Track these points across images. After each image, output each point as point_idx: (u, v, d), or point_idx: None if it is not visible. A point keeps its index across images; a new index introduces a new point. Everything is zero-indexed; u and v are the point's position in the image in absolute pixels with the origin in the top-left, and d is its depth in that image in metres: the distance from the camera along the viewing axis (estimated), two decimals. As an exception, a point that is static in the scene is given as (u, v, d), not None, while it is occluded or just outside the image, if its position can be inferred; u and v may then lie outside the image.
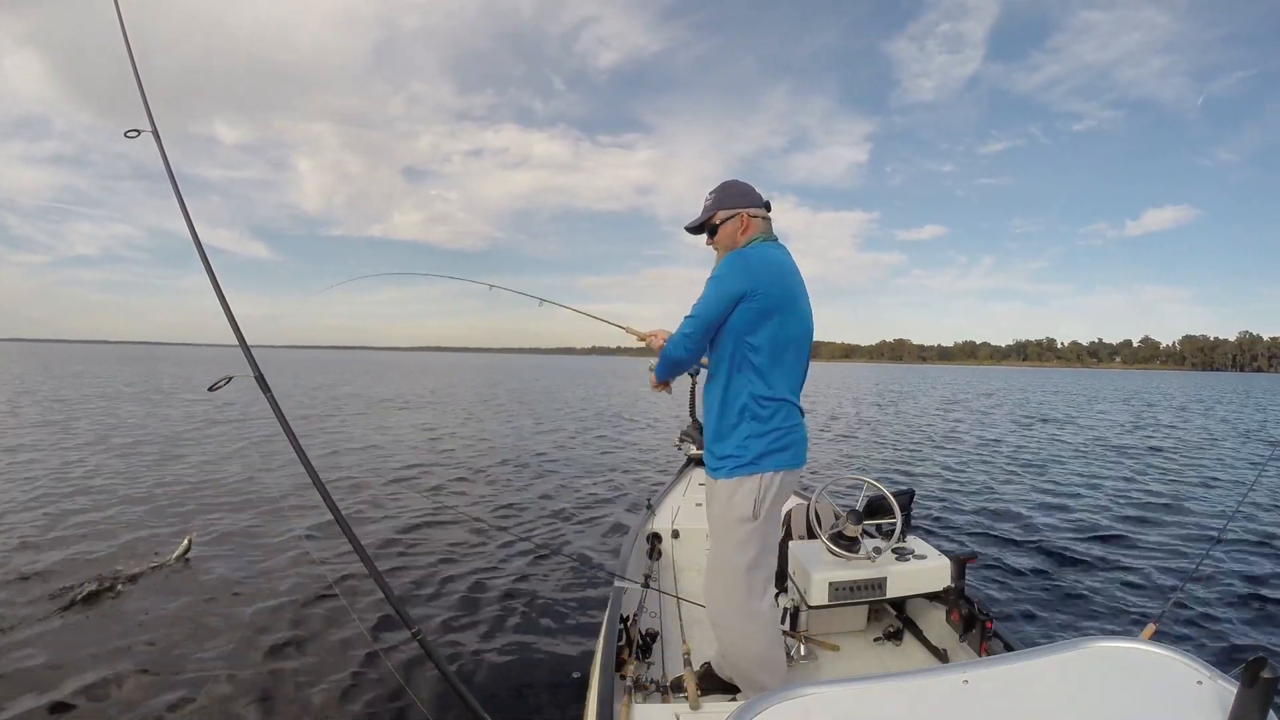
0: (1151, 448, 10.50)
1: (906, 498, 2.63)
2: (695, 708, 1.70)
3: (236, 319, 1.97)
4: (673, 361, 2.09)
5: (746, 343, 1.92)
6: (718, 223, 2.06)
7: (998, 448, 10.58)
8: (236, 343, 1.98)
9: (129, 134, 2.01)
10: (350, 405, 16.94)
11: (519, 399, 20.66)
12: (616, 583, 2.42)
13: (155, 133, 2.05)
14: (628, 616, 2.27)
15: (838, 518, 2.56)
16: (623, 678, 1.87)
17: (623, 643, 2.06)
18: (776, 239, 2.09)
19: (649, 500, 3.72)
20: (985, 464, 9.00)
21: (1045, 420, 15.21)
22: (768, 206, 2.09)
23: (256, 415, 12.57)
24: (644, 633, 2.27)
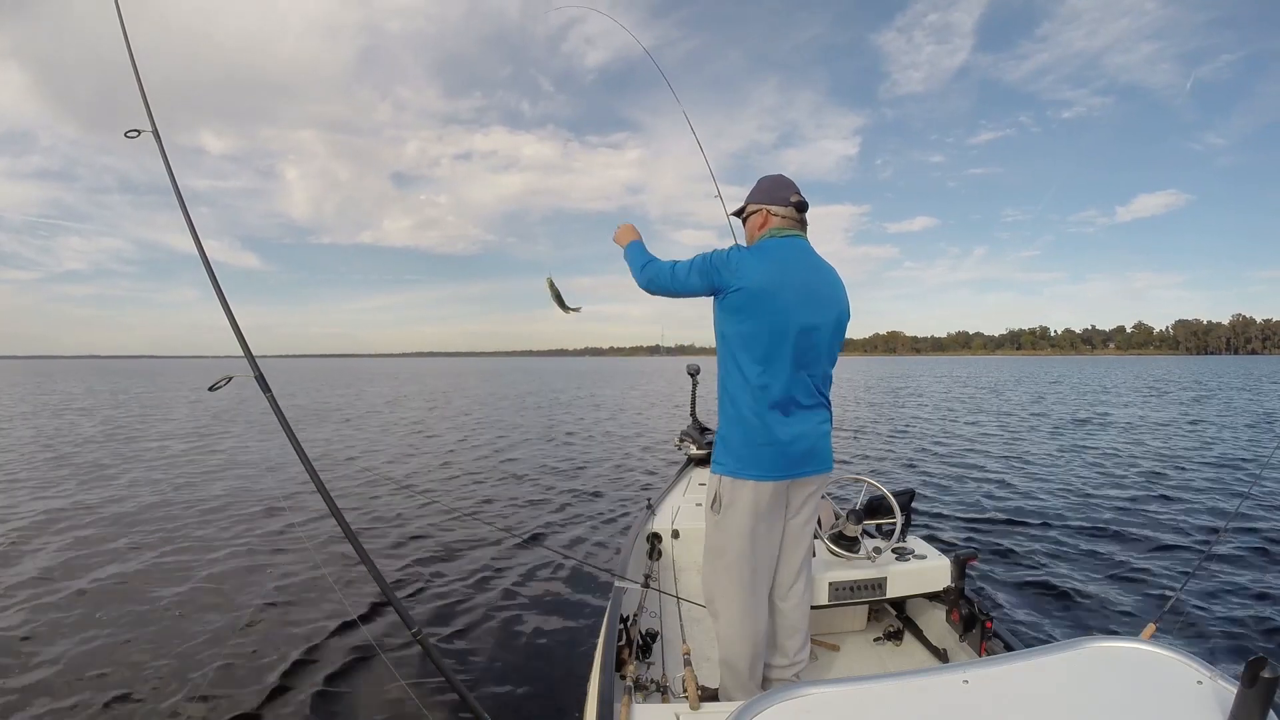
0: (1153, 445, 10.50)
1: (906, 497, 2.63)
2: (695, 708, 1.70)
3: (237, 319, 1.97)
4: (633, 265, 2.18)
5: (725, 338, 2.01)
6: (746, 216, 2.19)
7: (998, 446, 10.58)
8: (227, 354, 1.98)
9: (129, 134, 2.00)
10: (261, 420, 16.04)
11: (481, 404, 20.66)
12: (616, 583, 2.42)
13: (155, 132, 2.04)
14: (628, 616, 2.27)
15: (838, 518, 2.56)
16: (623, 678, 1.87)
17: (623, 643, 2.06)
18: (798, 234, 2.11)
19: (649, 500, 3.72)
20: (986, 463, 8.99)
21: (1046, 417, 15.21)
22: (800, 206, 2.11)
23: (257, 415, 12.58)
24: (644, 633, 2.26)
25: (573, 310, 2.42)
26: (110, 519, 5.55)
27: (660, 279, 2.09)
